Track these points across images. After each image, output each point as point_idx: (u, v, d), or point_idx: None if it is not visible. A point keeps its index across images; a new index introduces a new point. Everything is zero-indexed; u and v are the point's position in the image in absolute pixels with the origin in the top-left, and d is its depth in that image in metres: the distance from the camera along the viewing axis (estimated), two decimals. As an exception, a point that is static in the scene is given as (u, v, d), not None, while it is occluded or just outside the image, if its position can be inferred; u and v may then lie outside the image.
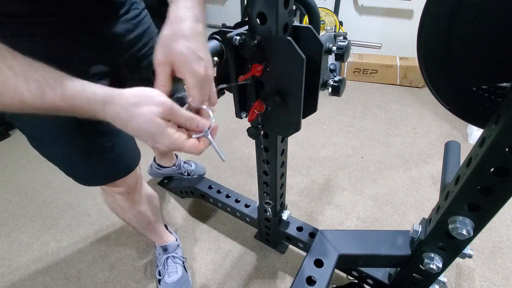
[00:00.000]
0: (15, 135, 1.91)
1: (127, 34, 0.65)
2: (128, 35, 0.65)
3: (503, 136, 0.43)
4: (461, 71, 0.47)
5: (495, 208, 0.51)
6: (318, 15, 0.56)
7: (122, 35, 0.64)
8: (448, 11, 0.42)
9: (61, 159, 0.66)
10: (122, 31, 0.63)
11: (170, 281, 0.98)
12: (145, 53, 0.71)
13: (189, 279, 1.03)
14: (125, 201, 0.82)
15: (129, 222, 0.92)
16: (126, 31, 0.64)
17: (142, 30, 0.69)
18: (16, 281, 1.07)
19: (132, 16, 0.66)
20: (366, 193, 1.36)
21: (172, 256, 1.03)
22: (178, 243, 1.08)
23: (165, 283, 0.98)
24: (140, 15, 0.69)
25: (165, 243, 1.04)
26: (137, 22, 0.67)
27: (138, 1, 0.69)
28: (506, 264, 1.04)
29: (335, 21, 2.26)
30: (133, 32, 0.66)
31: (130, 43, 0.66)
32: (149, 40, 0.72)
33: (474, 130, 1.63)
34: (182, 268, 1.03)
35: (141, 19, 0.69)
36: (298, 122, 0.57)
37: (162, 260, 1.03)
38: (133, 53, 0.68)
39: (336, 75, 2.09)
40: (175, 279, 0.98)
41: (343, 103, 2.09)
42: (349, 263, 0.84)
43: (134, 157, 0.75)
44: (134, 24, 0.66)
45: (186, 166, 1.42)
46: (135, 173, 0.77)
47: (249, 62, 0.54)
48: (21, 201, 1.40)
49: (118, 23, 0.62)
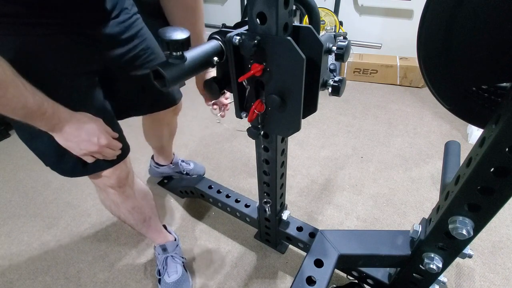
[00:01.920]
0: (15, 135, 1.91)
1: (118, 36, 0.71)
2: (119, 36, 0.71)
3: (503, 136, 0.43)
4: (461, 71, 0.47)
5: (495, 208, 0.51)
6: (318, 15, 0.56)
7: (113, 37, 0.70)
8: (448, 11, 0.42)
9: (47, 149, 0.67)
10: (113, 33, 0.69)
11: (170, 280, 0.98)
12: (137, 54, 0.77)
13: (189, 279, 1.03)
14: (118, 195, 0.83)
15: (124, 219, 0.93)
16: (117, 33, 0.70)
17: (133, 32, 0.75)
18: (16, 281, 1.07)
19: (122, 19, 0.71)
20: (366, 193, 1.36)
21: (172, 256, 1.03)
22: (178, 243, 1.08)
23: (165, 283, 0.98)
24: (131, 18, 0.74)
25: (164, 243, 1.04)
26: (128, 25, 0.73)
27: (129, 7, 0.75)
28: (506, 264, 1.04)
29: (335, 21, 2.26)
30: (124, 34, 0.72)
31: (121, 44, 0.72)
32: (140, 42, 0.78)
33: (474, 130, 1.63)
34: (182, 267, 1.03)
35: (132, 22, 0.75)
36: (298, 122, 0.57)
37: (161, 260, 1.03)
38: (124, 53, 0.74)
39: (336, 75, 2.09)
40: (175, 279, 0.98)
41: (343, 103, 2.09)
42: (349, 263, 0.84)
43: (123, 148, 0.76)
44: (126, 27, 0.72)
45: (184, 165, 1.42)
46: (125, 165, 0.79)
47: (249, 62, 0.54)
48: (21, 201, 1.40)
49: (109, 26, 0.68)
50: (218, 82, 0.60)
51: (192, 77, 0.51)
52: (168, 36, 0.43)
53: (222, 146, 1.73)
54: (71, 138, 0.60)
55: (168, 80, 0.44)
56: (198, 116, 2.02)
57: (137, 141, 1.23)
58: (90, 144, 0.62)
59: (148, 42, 0.81)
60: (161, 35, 0.43)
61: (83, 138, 0.61)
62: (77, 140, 0.60)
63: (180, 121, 1.26)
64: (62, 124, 0.58)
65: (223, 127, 1.89)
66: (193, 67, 0.48)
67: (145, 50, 0.79)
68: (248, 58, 0.54)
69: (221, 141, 1.78)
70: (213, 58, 0.52)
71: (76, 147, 0.61)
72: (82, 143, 0.61)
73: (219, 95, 0.61)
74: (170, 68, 0.45)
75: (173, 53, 0.45)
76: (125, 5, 0.73)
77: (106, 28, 0.67)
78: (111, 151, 0.68)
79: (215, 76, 0.61)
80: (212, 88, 0.60)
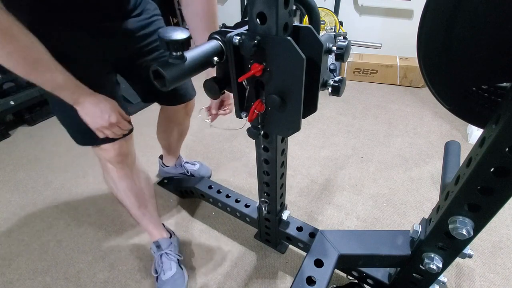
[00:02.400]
0: (15, 135, 1.91)
1: (137, 31, 0.82)
2: (139, 31, 0.83)
3: (503, 136, 0.43)
4: (461, 71, 0.47)
5: (495, 208, 0.51)
6: (318, 15, 0.56)
7: (134, 31, 0.82)
8: (448, 11, 0.42)
9: (68, 118, 0.80)
10: (133, 28, 0.81)
11: (165, 278, 1.00)
12: (154, 47, 0.88)
13: (184, 275, 1.04)
14: (115, 172, 0.91)
15: (121, 199, 0.98)
16: (136, 28, 0.82)
17: (152, 30, 0.86)
18: (16, 281, 1.07)
19: (143, 18, 0.83)
20: (366, 193, 1.36)
21: (166, 253, 1.05)
22: (171, 241, 1.08)
23: (161, 280, 1.01)
24: (151, 18, 0.86)
25: (157, 239, 1.06)
26: (148, 23, 0.84)
27: (152, 8, 0.87)
28: (506, 264, 1.04)
29: (335, 21, 2.26)
30: (143, 30, 0.83)
31: (140, 38, 0.84)
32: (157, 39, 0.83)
33: (474, 130, 1.63)
34: (177, 264, 1.04)
35: (151, 21, 0.86)
36: (298, 122, 0.57)
37: (157, 258, 1.05)
38: (143, 46, 0.85)
39: (336, 75, 2.09)
40: (169, 276, 1.00)
41: (343, 103, 2.09)
42: (349, 263, 0.84)
43: None
44: (145, 24, 0.84)
45: (187, 166, 1.43)
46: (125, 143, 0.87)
47: (249, 62, 0.54)
48: (21, 201, 1.40)
49: (130, 22, 0.80)
50: (218, 82, 0.60)
51: (192, 77, 0.51)
52: (168, 36, 0.43)
53: (222, 146, 1.73)
54: (88, 112, 0.72)
55: (168, 80, 0.44)
56: (198, 116, 2.02)
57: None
58: (102, 120, 0.73)
59: None
60: (161, 35, 0.43)
61: (97, 114, 0.72)
62: (92, 114, 0.72)
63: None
64: (82, 99, 0.70)
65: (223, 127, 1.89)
66: (193, 67, 0.48)
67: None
68: (248, 58, 0.54)
69: (221, 141, 1.78)
70: (213, 58, 0.52)
71: (91, 121, 0.73)
72: (96, 118, 0.72)
73: (219, 95, 0.61)
74: (170, 68, 0.45)
75: (173, 53, 0.45)
76: (147, 7, 0.85)
77: (128, 24, 0.79)
78: (119, 129, 0.78)
79: (215, 76, 0.61)
80: (212, 88, 0.60)
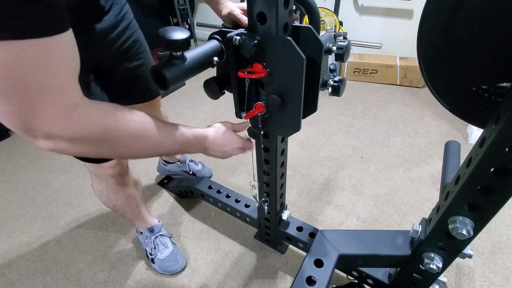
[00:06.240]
0: (15, 135, 1.91)
1: (112, 30, 0.71)
2: (114, 30, 0.72)
3: (503, 136, 0.42)
4: (461, 71, 0.47)
5: (495, 208, 0.51)
6: (318, 15, 0.56)
7: (108, 31, 0.70)
8: (448, 11, 0.42)
9: None
10: (108, 27, 0.70)
11: (163, 256, 1.03)
12: (129, 45, 0.79)
13: (181, 251, 1.08)
14: (116, 184, 0.89)
15: (120, 207, 0.98)
16: (111, 26, 0.71)
17: (125, 25, 0.76)
18: (16, 281, 1.07)
19: (116, 12, 0.71)
20: (366, 193, 1.36)
21: (160, 234, 1.09)
22: (162, 223, 1.13)
23: (159, 260, 1.03)
24: (122, 10, 0.74)
25: (151, 225, 1.09)
26: (121, 18, 0.73)
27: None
28: (506, 264, 1.04)
29: (335, 21, 2.26)
30: (118, 27, 0.73)
31: (116, 37, 0.73)
32: (132, 33, 0.79)
33: (474, 130, 1.63)
34: (171, 242, 1.09)
35: (123, 14, 0.75)
36: (298, 122, 0.57)
37: (150, 242, 1.07)
38: (119, 46, 0.75)
39: (336, 75, 2.09)
40: (168, 253, 1.04)
41: (343, 103, 2.09)
42: (349, 263, 0.84)
43: None
44: (118, 20, 0.73)
45: (192, 165, 1.44)
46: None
47: (249, 62, 0.54)
48: (21, 201, 1.40)
49: (104, 21, 0.68)
50: (218, 82, 0.60)
51: (192, 77, 0.51)
52: (168, 36, 0.43)
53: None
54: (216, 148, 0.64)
55: (168, 81, 0.44)
56: (198, 116, 2.02)
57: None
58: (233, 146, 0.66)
59: (137, 34, 0.83)
60: (161, 35, 0.43)
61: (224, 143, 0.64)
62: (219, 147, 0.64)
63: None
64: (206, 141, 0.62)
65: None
66: (193, 67, 0.48)
67: (135, 41, 0.82)
68: (248, 58, 0.54)
69: (221, 141, 1.77)
70: (213, 58, 0.52)
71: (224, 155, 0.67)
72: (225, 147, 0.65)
73: (219, 95, 0.61)
74: (170, 68, 0.45)
75: (173, 53, 0.45)
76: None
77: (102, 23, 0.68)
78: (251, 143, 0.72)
79: (215, 76, 0.61)
80: (212, 88, 0.60)
